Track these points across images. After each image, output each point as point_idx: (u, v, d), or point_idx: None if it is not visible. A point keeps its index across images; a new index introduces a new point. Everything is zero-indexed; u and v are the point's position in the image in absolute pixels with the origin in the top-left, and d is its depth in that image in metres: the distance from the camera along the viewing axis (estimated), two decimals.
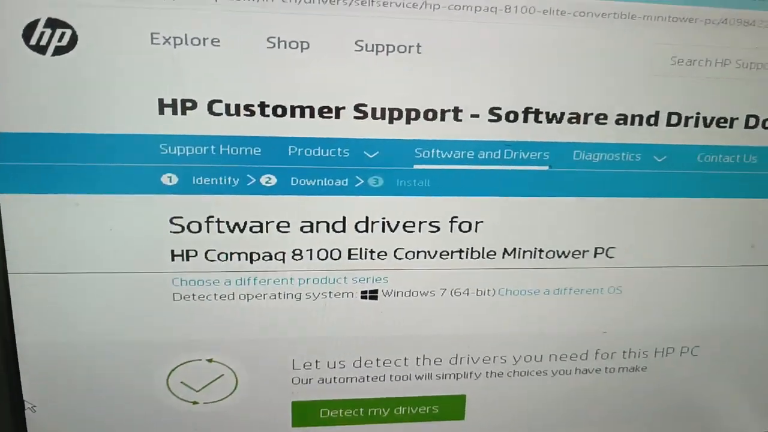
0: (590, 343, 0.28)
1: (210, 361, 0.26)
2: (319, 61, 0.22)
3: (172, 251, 0.24)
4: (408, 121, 0.23)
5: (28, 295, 0.24)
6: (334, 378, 0.27)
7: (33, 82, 0.21)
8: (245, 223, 0.24)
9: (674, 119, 0.25)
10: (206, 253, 0.24)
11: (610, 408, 0.29)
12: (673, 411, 0.29)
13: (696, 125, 0.25)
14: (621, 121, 0.24)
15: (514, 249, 0.26)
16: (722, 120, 0.25)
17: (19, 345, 0.24)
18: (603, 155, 0.25)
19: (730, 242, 0.27)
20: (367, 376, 0.27)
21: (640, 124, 0.24)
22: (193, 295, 0.24)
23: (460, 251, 0.25)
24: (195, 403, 0.26)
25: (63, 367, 0.25)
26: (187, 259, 0.24)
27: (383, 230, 0.25)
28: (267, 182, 0.23)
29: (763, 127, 0.25)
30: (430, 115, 0.23)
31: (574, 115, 0.24)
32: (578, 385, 0.28)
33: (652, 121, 0.24)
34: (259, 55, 0.22)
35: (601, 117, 0.24)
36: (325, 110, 0.23)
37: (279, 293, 0.25)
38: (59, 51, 0.21)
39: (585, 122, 0.24)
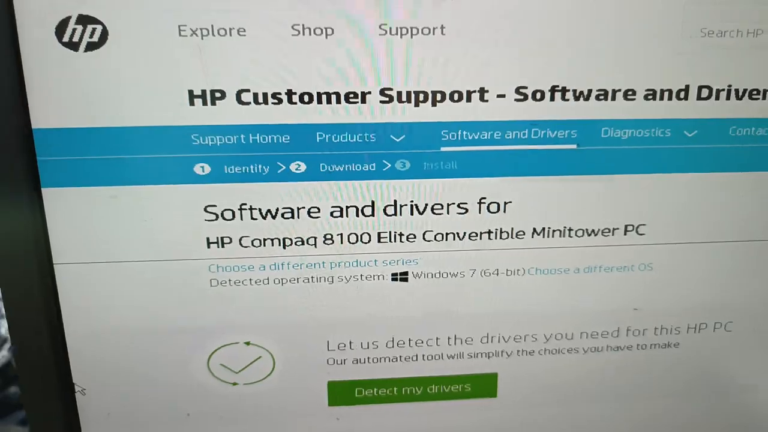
0: (621, 320, 0.28)
1: (248, 344, 0.26)
2: (344, 46, 0.22)
3: (208, 239, 0.24)
4: (434, 104, 0.23)
5: (71, 284, 0.24)
6: (368, 358, 0.27)
7: (67, 79, 0.22)
8: (277, 209, 0.24)
9: (705, 93, 0.24)
10: (240, 239, 0.24)
11: (641, 385, 0.29)
12: (706, 388, 0.29)
13: (728, 98, 0.24)
14: (650, 97, 0.24)
15: (543, 228, 0.26)
16: (755, 92, 0.24)
17: (66, 331, 0.25)
18: (632, 131, 0.24)
19: (763, 215, 0.26)
20: (400, 356, 0.27)
21: (670, 98, 0.24)
22: (229, 280, 0.25)
23: (489, 232, 0.25)
24: (235, 384, 0.27)
25: (109, 353, 0.25)
26: (222, 246, 0.24)
27: (412, 213, 0.25)
28: (297, 169, 0.24)
29: None
30: (456, 96, 0.23)
31: (602, 92, 0.24)
32: (609, 362, 0.28)
33: (681, 95, 0.24)
34: (285, 43, 0.22)
35: (630, 93, 0.24)
36: (351, 96, 0.23)
37: (312, 277, 0.25)
38: (91, 47, 0.21)
39: (613, 99, 0.24)
